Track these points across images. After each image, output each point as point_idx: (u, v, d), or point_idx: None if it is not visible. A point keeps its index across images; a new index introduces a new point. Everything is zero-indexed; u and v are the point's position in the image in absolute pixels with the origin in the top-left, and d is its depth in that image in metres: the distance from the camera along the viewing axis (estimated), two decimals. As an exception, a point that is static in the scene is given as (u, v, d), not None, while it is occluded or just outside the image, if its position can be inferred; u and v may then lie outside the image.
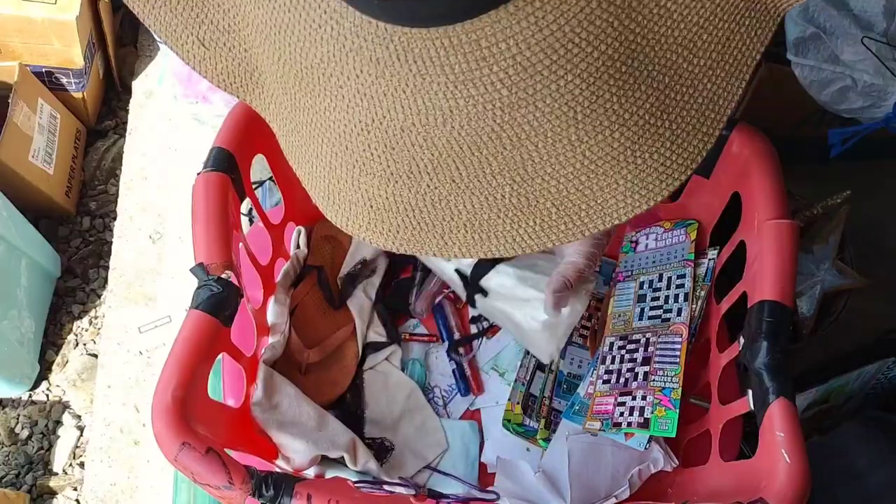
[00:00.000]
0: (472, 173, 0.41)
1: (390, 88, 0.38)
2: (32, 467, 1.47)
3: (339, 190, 0.45)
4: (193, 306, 0.76)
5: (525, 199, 0.42)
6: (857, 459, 1.11)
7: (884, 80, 1.17)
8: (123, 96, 1.84)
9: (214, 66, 0.48)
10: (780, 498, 0.64)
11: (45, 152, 1.60)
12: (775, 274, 0.75)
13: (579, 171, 0.40)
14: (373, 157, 0.42)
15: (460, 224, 0.43)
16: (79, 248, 1.69)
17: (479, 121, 0.38)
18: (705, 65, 0.40)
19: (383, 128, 0.40)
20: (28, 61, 1.61)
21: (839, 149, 1.22)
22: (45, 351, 1.57)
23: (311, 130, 0.44)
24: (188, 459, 0.66)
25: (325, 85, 0.41)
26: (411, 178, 0.42)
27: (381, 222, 0.44)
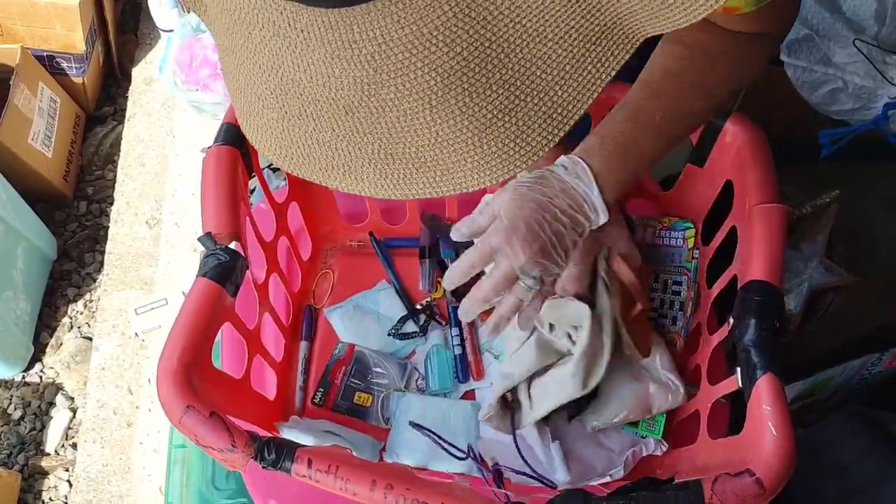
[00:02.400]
0: (347, 128, 0.48)
1: (283, 46, 0.45)
2: (25, 447, 1.48)
3: (250, 115, 0.53)
4: (201, 274, 0.77)
5: (390, 156, 0.48)
6: (841, 453, 1.13)
7: (874, 82, 1.20)
8: (123, 83, 1.85)
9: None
10: (766, 469, 0.65)
11: (45, 135, 1.61)
12: (764, 255, 0.77)
13: (433, 145, 0.47)
14: (272, 96, 0.49)
15: (339, 164, 0.50)
16: (75, 232, 1.70)
17: (349, 90, 0.45)
18: (558, 75, 0.46)
19: (279, 76, 0.47)
20: (30, 45, 1.63)
21: (829, 149, 1.24)
22: (40, 333, 1.58)
23: (233, 59, 0.51)
24: (192, 422, 0.67)
25: (241, 27, 0.48)
26: (301, 120, 0.49)
27: (279, 149, 0.52)
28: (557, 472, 0.87)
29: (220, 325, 0.78)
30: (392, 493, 0.67)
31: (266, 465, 0.68)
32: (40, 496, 1.44)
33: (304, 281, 1.07)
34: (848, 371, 1.20)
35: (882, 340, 1.19)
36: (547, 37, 0.45)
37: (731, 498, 0.65)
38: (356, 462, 0.73)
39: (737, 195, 0.88)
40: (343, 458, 0.70)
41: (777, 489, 0.65)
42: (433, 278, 1.06)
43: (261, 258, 0.95)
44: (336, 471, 0.67)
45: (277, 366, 0.97)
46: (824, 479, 1.12)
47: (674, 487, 0.68)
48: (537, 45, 0.45)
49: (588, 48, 0.46)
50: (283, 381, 0.98)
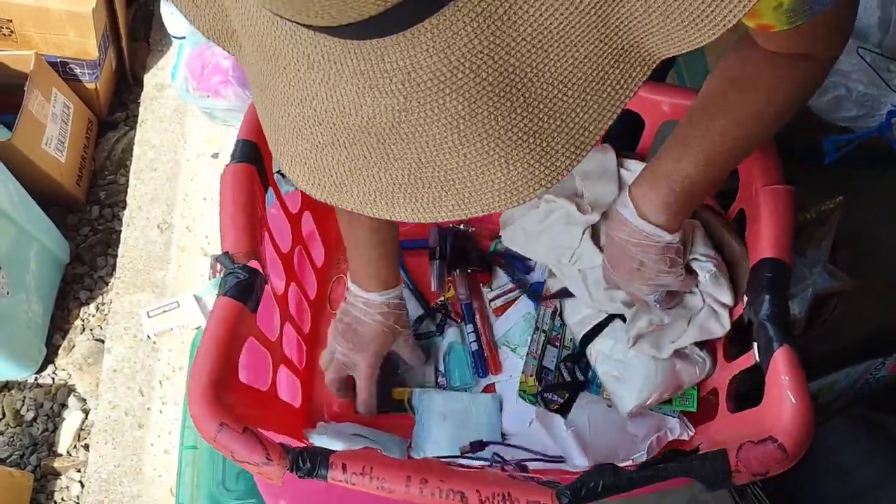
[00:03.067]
0: (379, 155, 0.49)
1: (317, 78, 0.47)
2: (37, 448, 1.50)
3: (284, 146, 0.54)
4: (221, 293, 0.79)
5: (419, 181, 0.50)
6: (844, 456, 1.15)
7: (878, 90, 1.21)
8: (135, 89, 1.88)
9: (204, 22, 0.57)
10: (787, 435, 0.67)
11: (58, 140, 1.64)
12: (774, 233, 0.79)
13: (461, 168, 0.49)
14: (305, 127, 0.51)
15: (371, 190, 0.52)
16: (87, 236, 1.72)
17: (381, 117, 0.47)
18: (579, 97, 0.48)
19: (313, 106, 0.49)
20: (44, 51, 1.65)
21: (833, 156, 1.26)
22: (52, 335, 1.60)
23: (267, 92, 0.53)
24: (227, 439, 0.69)
25: (275, 62, 0.50)
26: (334, 148, 0.51)
27: (313, 178, 0.54)
28: (576, 458, 0.89)
29: (244, 340, 0.80)
30: (427, 486, 0.69)
31: (302, 475, 0.70)
32: (52, 497, 1.46)
33: (319, 288, 1.09)
34: (851, 376, 1.21)
35: (885, 344, 1.20)
36: (568, 61, 0.47)
37: (756, 464, 0.67)
38: (388, 461, 0.75)
39: (742, 179, 0.90)
40: (376, 459, 0.72)
41: (799, 454, 0.68)
42: (444, 278, 1.08)
43: (279, 269, 0.97)
44: (371, 472, 0.69)
45: (301, 374, 0.99)
46: (827, 481, 1.13)
47: (699, 457, 0.70)
48: (559, 69, 0.47)
49: (607, 71, 0.48)
50: (307, 389, 1.00)
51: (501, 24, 0.44)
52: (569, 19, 0.45)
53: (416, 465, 0.82)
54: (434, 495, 0.69)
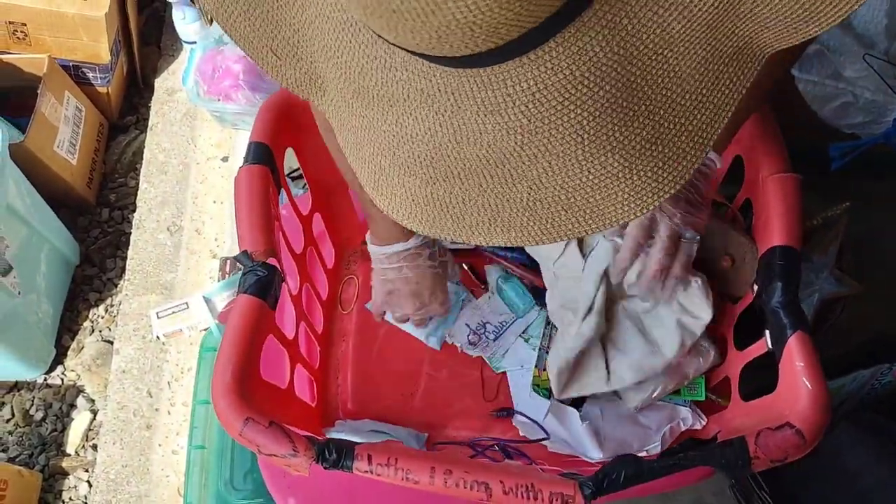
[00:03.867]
0: (497, 181, 0.49)
1: (431, 112, 0.47)
2: (46, 448, 1.51)
3: (385, 184, 0.53)
4: (242, 290, 0.80)
5: (539, 202, 0.49)
6: (850, 460, 1.15)
7: (884, 96, 1.22)
8: (146, 93, 1.89)
9: (284, 73, 0.56)
10: (804, 421, 0.68)
11: (70, 143, 1.65)
12: (783, 221, 0.80)
13: (584, 184, 0.48)
14: (415, 163, 0.50)
15: (485, 218, 0.51)
16: (97, 238, 1.73)
17: (502, 142, 0.47)
18: (696, 100, 0.48)
19: (425, 141, 0.48)
20: (57, 54, 1.67)
21: (839, 162, 1.26)
22: (62, 336, 1.61)
23: (364, 134, 0.52)
24: (253, 433, 0.70)
25: (379, 103, 0.49)
26: (447, 181, 0.50)
27: (420, 213, 0.53)
28: (590, 450, 0.90)
29: (264, 337, 0.81)
30: (451, 477, 0.69)
31: (328, 466, 0.71)
32: (60, 496, 1.46)
33: (330, 288, 1.10)
34: (858, 380, 1.21)
35: (891, 349, 1.20)
36: (687, 64, 0.47)
37: (775, 451, 0.68)
38: (413, 453, 0.76)
39: (748, 169, 0.91)
40: (400, 451, 0.73)
41: (817, 439, 0.69)
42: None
43: (293, 269, 0.98)
44: (396, 462, 0.70)
45: (316, 372, 1.00)
46: (832, 484, 1.13)
47: (719, 445, 0.70)
48: (678, 73, 0.47)
49: (722, 70, 0.48)
50: (321, 387, 1.01)
51: (626, 35, 0.44)
52: (690, 23, 0.45)
53: (439, 456, 0.83)
54: (458, 486, 0.69)
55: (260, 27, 0.53)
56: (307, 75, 0.55)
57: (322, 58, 0.51)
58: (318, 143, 0.89)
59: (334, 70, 0.51)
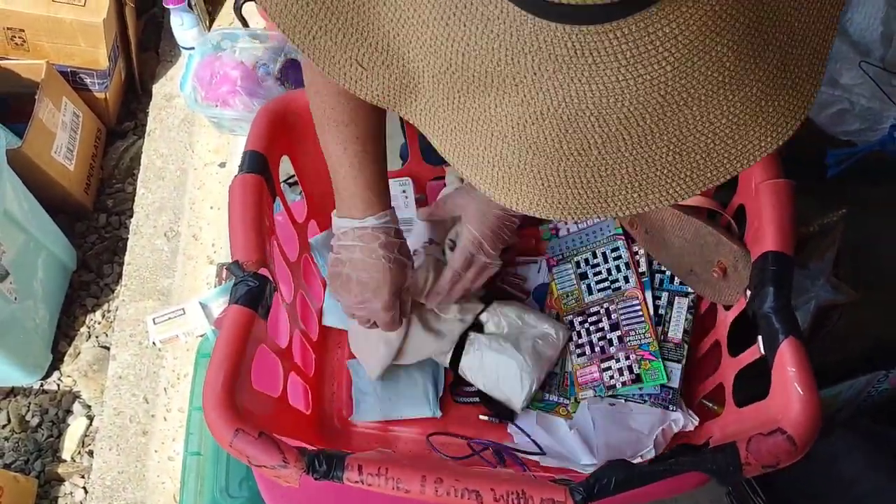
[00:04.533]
0: (636, 141, 0.48)
1: (567, 79, 0.45)
2: (41, 454, 1.51)
3: (507, 175, 0.52)
4: (233, 301, 0.80)
5: (679, 155, 0.48)
6: (846, 467, 1.15)
7: (880, 104, 1.22)
8: (143, 99, 1.89)
9: (370, 84, 0.54)
10: (796, 427, 0.68)
11: (67, 149, 1.65)
12: (775, 227, 0.79)
13: (725, 126, 0.48)
14: (546, 141, 0.48)
15: (622, 186, 0.50)
16: (94, 243, 1.73)
17: (646, 95, 0.45)
18: (809, 20, 0.48)
19: (558, 114, 0.46)
20: (55, 60, 1.67)
21: (836, 169, 1.27)
22: (58, 342, 1.61)
23: (476, 126, 0.51)
24: (243, 444, 0.70)
25: (500, 85, 0.47)
26: (581, 154, 0.48)
27: (550, 197, 0.51)
28: (582, 457, 0.90)
29: (256, 347, 0.81)
30: (442, 485, 0.69)
31: (318, 477, 0.70)
32: (56, 502, 1.46)
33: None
34: (854, 387, 1.21)
35: (888, 356, 1.20)
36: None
37: (766, 456, 0.68)
38: (404, 462, 0.75)
39: (742, 175, 0.91)
40: (391, 460, 0.72)
41: (808, 445, 0.68)
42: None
43: (287, 277, 0.98)
44: (386, 472, 0.70)
45: (311, 380, 1.00)
46: (828, 491, 1.13)
47: (710, 451, 0.70)
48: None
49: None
50: (316, 395, 1.01)
51: None
52: None
53: (430, 464, 0.83)
54: (449, 494, 0.69)
55: (343, 40, 0.52)
56: (398, 81, 0.53)
57: (421, 55, 0.50)
58: (313, 150, 0.89)
59: (438, 64, 0.49)
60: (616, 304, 1.01)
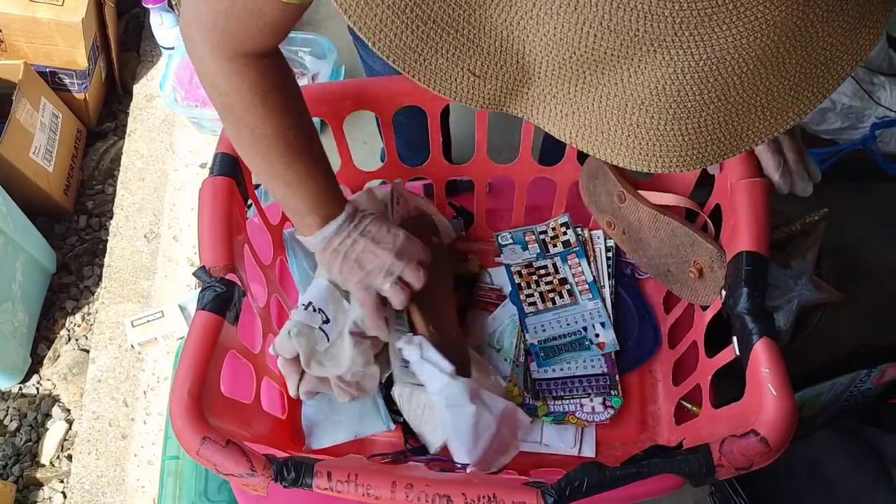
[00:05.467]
0: (770, 70, 0.49)
1: (707, 31, 0.46)
2: (20, 459, 1.49)
3: (645, 141, 0.52)
4: (200, 307, 0.79)
5: (805, 73, 0.50)
6: (829, 468, 1.14)
7: (862, 102, 1.22)
8: (124, 99, 1.88)
9: (483, 89, 0.54)
10: (770, 428, 0.67)
11: (46, 150, 1.63)
12: (750, 227, 0.79)
13: (840, 33, 0.49)
14: (687, 97, 0.49)
15: (756, 117, 0.51)
16: (74, 245, 1.71)
17: (783, 24, 0.47)
18: None
19: (700, 67, 0.48)
20: (33, 60, 1.65)
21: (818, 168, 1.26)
22: (37, 345, 1.59)
23: (606, 102, 0.51)
24: (210, 452, 0.69)
25: (633, 56, 0.48)
26: (722, 99, 0.49)
27: (689, 150, 0.52)
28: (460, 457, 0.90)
29: (225, 353, 0.80)
30: (413, 491, 0.68)
31: (287, 485, 0.69)
32: (35, 507, 1.45)
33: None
34: (836, 388, 1.21)
35: (869, 356, 1.20)
36: None
37: (739, 458, 0.67)
38: (374, 469, 0.74)
39: (718, 173, 0.90)
40: (360, 467, 0.71)
41: (782, 447, 0.68)
42: None
43: (261, 280, 0.97)
44: (356, 479, 0.69)
45: (285, 385, 0.99)
46: (812, 493, 1.13)
47: (683, 453, 0.69)
48: None
49: None
50: (291, 400, 0.99)
51: None
52: None
53: (399, 470, 0.82)
54: (420, 499, 0.68)
55: (455, 54, 0.53)
56: (511, 80, 0.54)
57: (541, 47, 0.50)
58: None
59: (563, 52, 0.50)
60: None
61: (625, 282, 1.07)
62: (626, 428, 0.99)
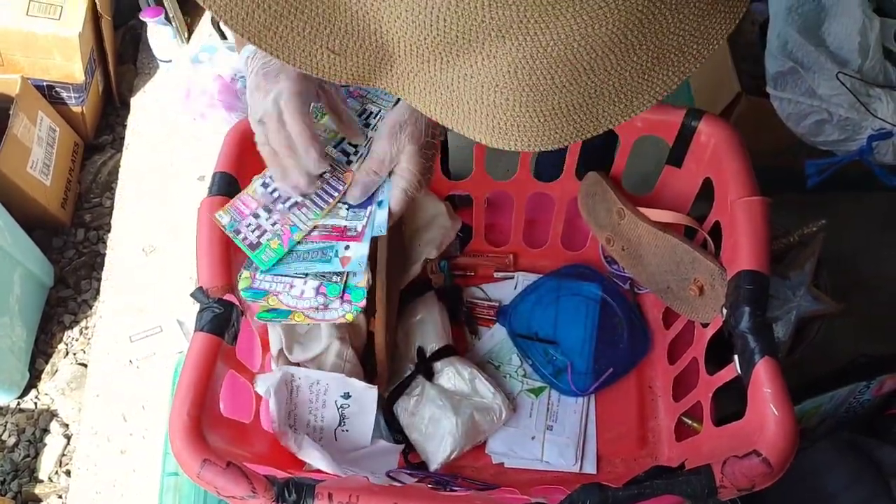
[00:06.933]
0: (620, 57, 0.50)
1: (552, 19, 0.47)
2: (18, 474, 1.49)
3: (503, 120, 0.53)
4: (198, 328, 0.79)
5: (658, 59, 0.51)
6: (829, 480, 1.14)
7: (858, 114, 1.22)
8: (121, 112, 1.88)
9: (344, 65, 0.54)
10: (772, 448, 0.67)
11: (44, 164, 1.63)
12: (750, 245, 0.79)
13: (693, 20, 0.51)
14: (539, 80, 0.50)
15: (611, 101, 0.53)
16: (72, 259, 1.71)
17: (628, 13, 0.48)
18: None
19: (548, 52, 0.49)
20: (30, 74, 1.65)
21: (815, 179, 1.26)
22: (35, 360, 1.59)
23: (463, 83, 0.52)
24: (210, 475, 0.69)
25: (484, 41, 0.49)
26: (573, 83, 0.51)
27: (546, 130, 0.53)
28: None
29: (224, 374, 0.80)
30: None
31: None
32: (33, 523, 1.44)
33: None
34: (836, 399, 1.20)
35: (869, 367, 1.20)
36: None
37: (741, 479, 0.67)
38: (375, 489, 0.74)
39: (717, 191, 0.90)
40: (362, 487, 0.71)
41: (784, 467, 0.68)
42: None
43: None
44: (358, 500, 0.68)
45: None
46: (811, 506, 1.12)
47: (685, 474, 0.69)
48: None
49: None
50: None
51: None
52: None
53: (403, 491, 0.81)
54: None
55: (311, 32, 0.53)
56: (372, 58, 0.54)
57: (396, 28, 0.51)
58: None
59: (417, 33, 0.50)
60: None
61: (611, 287, 1.08)
62: (626, 444, 1.00)
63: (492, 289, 1.14)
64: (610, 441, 1.00)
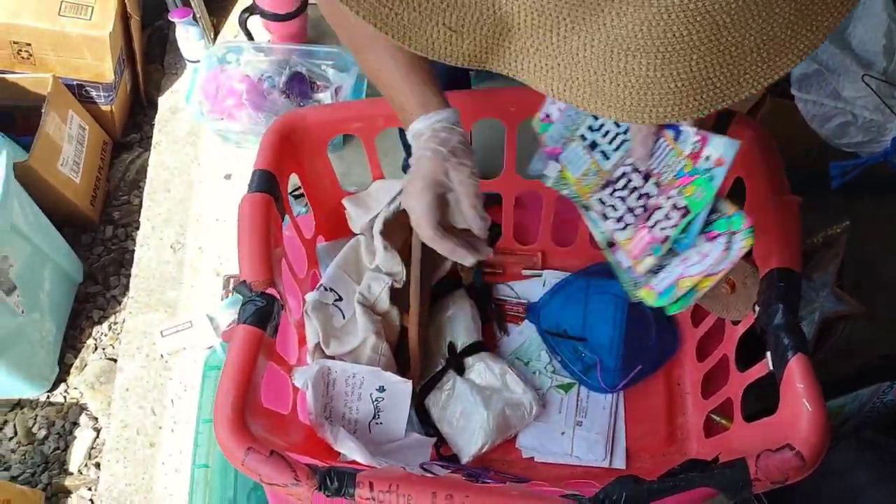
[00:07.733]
0: (762, 7, 0.46)
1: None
2: (48, 466, 1.51)
3: (635, 89, 0.50)
4: (241, 321, 0.81)
5: (801, 11, 0.48)
6: (851, 480, 1.15)
7: (883, 116, 1.22)
8: (149, 111, 1.90)
9: (462, 45, 0.52)
10: (805, 443, 0.69)
11: (73, 162, 1.66)
12: (783, 243, 0.81)
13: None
14: (675, 37, 0.47)
15: (752, 61, 0.49)
16: (101, 255, 1.74)
17: None
18: None
19: (685, 6, 0.45)
20: (61, 74, 1.68)
21: (840, 181, 1.27)
22: (65, 354, 1.61)
23: (591, 51, 0.49)
24: (255, 463, 0.71)
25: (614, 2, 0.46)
26: (713, 39, 0.47)
27: (684, 97, 0.49)
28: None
29: (265, 366, 0.82)
30: (453, 501, 0.70)
31: (330, 494, 0.71)
32: (63, 514, 1.47)
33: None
34: (859, 399, 1.21)
35: (892, 368, 1.21)
36: None
37: (775, 472, 0.69)
38: (414, 479, 0.76)
39: (749, 190, 0.92)
40: (401, 477, 0.73)
41: (817, 461, 0.69)
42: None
43: (296, 293, 0.99)
44: (398, 489, 0.70)
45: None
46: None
47: (720, 467, 0.71)
48: None
49: None
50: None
51: None
52: None
53: (441, 481, 0.83)
54: None
55: (428, 7, 0.51)
56: (490, 34, 0.52)
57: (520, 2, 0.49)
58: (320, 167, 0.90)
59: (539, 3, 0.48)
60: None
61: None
62: (655, 440, 1.01)
63: (520, 287, 1.15)
64: (638, 437, 1.01)
